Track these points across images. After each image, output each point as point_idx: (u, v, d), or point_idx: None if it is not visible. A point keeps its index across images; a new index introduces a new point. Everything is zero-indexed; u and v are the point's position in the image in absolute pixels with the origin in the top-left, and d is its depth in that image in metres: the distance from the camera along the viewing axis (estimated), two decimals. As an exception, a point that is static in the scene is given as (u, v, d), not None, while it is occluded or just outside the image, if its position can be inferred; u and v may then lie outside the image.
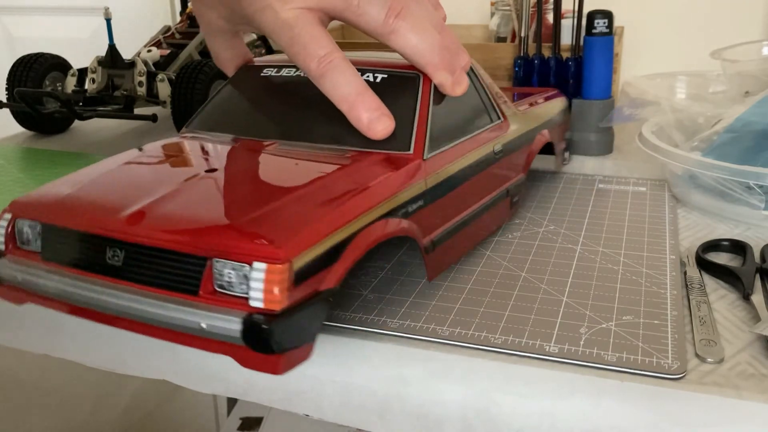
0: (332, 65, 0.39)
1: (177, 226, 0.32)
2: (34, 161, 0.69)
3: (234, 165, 0.39)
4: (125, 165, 0.40)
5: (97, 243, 0.33)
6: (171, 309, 0.31)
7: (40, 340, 0.44)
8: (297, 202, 0.33)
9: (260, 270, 0.29)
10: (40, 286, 0.35)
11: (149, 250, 0.32)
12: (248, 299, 0.30)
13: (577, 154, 0.67)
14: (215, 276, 0.30)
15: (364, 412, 0.36)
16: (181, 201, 0.34)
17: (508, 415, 0.33)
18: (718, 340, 0.35)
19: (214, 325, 0.30)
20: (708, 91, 0.68)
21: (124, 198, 0.35)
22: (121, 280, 0.32)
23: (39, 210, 0.35)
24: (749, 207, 0.50)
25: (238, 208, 0.33)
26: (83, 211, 0.34)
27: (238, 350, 0.30)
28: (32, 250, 0.36)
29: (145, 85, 0.75)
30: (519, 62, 0.68)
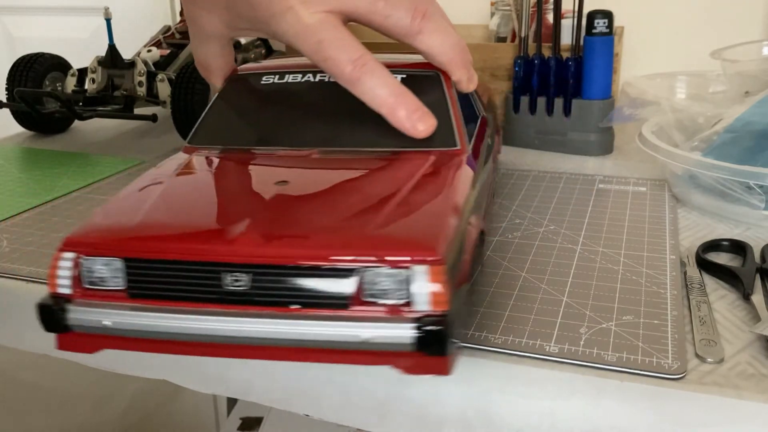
0: (366, 69, 0.39)
1: (315, 242, 0.30)
2: (34, 161, 0.69)
3: (301, 176, 0.37)
4: (174, 185, 0.37)
5: (211, 270, 0.30)
6: (324, 327, 0.29)
7: (40, 340, 0.44)
8: (406, 205, 0.33)
9: (422, 273, 0.28)
10: (134, 328, 0.31)
11: (284, 270, 0.29)
12: (411, 304, 0.29)
13: (577, 154, 0.67)
14: (365, 286, 0.29)
15: (364, 412, 0.36)
16: (288, 215, 0.32)
17: (508, 415, 0.33)
18: (718, 340, 0.35)
19: (378, 336, 0.29)
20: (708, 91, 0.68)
21: (217, 219, 0.32)
22: (247, 306, 0.30)
23: (116, 244, 0.31)
24: (749, 207, 0.50)
25: (355, 216, 0.32)
26: (180, 239, 0.31)
27: (403, 358, 0.29)
28: (111, 288, 0.31)
29: (145, 85, 0.75)
30: (519, 62, 0.68)
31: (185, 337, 0.30)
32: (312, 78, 0.44)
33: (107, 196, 0.59)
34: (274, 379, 0.38)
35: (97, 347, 0.32)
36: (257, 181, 0.37)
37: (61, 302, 0.31)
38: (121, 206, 0.34)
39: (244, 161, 0.40)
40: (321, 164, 0.39)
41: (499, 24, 0.85)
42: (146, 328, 0.31)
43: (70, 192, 0.60)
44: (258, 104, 0.44)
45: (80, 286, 0.31)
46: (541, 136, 0.68)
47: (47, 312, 0.31)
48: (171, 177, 0.38)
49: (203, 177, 0.38)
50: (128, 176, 0.64)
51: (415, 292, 0.28)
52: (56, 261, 0.31)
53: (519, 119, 0.69)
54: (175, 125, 0.71)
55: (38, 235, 0.51)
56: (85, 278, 0.31)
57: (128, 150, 0.73)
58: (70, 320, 0.31)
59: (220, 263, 0.30)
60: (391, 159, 0.39)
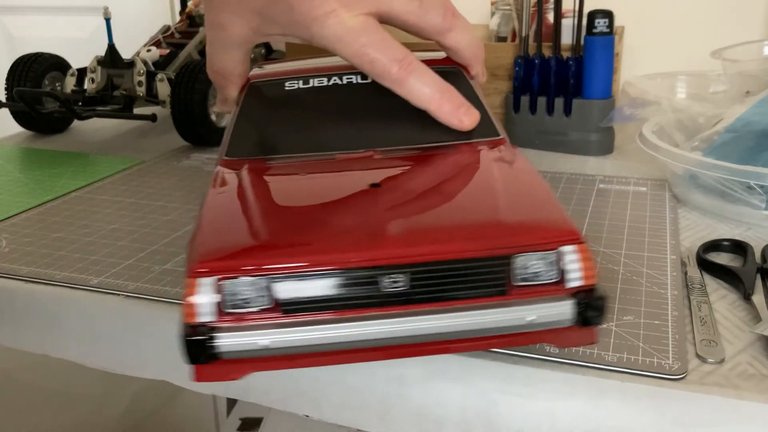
0: (412, 68, 0.40)
1: (467, 235, 0.30)
2: (33, 161, 0.69)
3: (387, 176, 0.37)
4: (264, 197, 0.36)
5: (369, 275, 0.30)
6: (488, 314, 0.30)
7: (40, 340, 0.44)
8: (513, 193, 0.34)
9: (571, 252, 0.30)
10: (292, 344, 0.30)
11: (441, 265, 0.30)
12: (563, 282, 0.31)
13: (578, 154, 0.67)
14: (517, 271, 0.31)
15: (364, 412, 0.36)
16: (416, 214, 0.32)
17: (508, 415, 0.33)
18: (719, 340, 0.35)
19: (542, 316, 0.30)
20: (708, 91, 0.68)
21: (349, 225, 0.32)
22: (406, 305, 0.30)
23: (260, 263, 0.30)
24: (750, 207, 0.50)
25: (478, 207, 0.33)
26: (331, 249, 0.30)
27: (558, 333, 0.31)
28: (257, 309, 0.30)
29: (145, 84, 0.75)
30: (519, 62, 0.68)
31: (345, 345, 0.30)
32: (339, 81, 0.44)
33: (107, 196, 0.59)
34: (274, 379, 0.38)
35: (246, 371, 0.31)
36: (350, 185, 0.36)
37: (207, 331, 0.29)
38: (226, 225, 0.33)
39: (313, 168, 0.39)
40: (392, 163, 0.39)
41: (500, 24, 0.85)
42: (306, 343, 0.30)
43: (69, 192, 0.60)
44: (294, 111, 0.44)
45: (223, 311, 0.30)
46: (541, 136, 0.68)
47: (197, 344, 0.29)
48: (251, 190, 0.36)
49: (289, 186, 0.37)
50: (128, 176, 0.64)
51: (568, 270, 0.30)
52: (193, 288, 0.29)
53: (519, 119, 0.69)
54: (175, 125, 0.71)
55: (38, 235, 0.50)
56: (228, 302, 0.30)
57: (128, 150, 0.73)
58: (220, 348, 0.29)
59: (377, 267, 0.30)
60: (449, 152, 0.40)
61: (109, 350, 0.42)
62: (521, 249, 0.30)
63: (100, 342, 0.42)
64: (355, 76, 0.44)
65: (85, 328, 0.42)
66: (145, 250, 0.47)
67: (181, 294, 0.38)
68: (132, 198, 0.58)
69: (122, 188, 0.61)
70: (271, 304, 0.30)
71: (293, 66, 0.47)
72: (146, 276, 0.44)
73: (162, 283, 0.43)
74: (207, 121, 0.70)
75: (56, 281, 0.43)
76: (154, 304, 0.41)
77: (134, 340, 0.41)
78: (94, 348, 0.42)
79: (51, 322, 0.43)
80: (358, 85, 0.44)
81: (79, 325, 0.42)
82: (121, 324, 0.41)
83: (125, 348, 0.41)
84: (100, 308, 0.41)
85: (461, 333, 0.30)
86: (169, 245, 0.48)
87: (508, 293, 0.31)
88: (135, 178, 0.63)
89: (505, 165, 0.38)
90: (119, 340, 0.41)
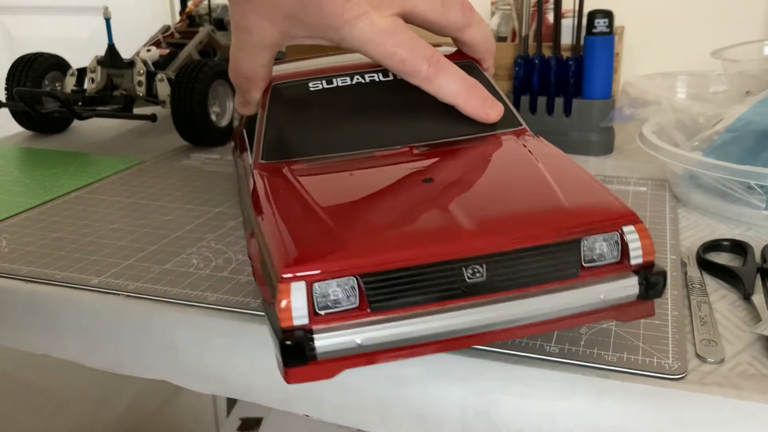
0: (440, 65, 0.42)
1: (537, 223, 0.32)
2: (33, 161, 0.69)
3: (436, 169, 0.38)
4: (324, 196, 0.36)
5: (453, 268, 0.31)
6: (566, 296, 0.32)
7: (40, 340, 0.44)
8: (562, 179, 0.36)
9: (632, 232, 0.32)
10: (384, 340, 0.31)
11: (517, 254, 0.31)
12: (627, 260, 0.32)
13: (578, 154, 0.67)
14: (585, 253, 0.32)
15: (364, 412, 0.36)
16: (480, 205, 0.33)
17: (508, 415, 0.33)
18: (719, 340, 0.35)
19: (611, 293, 0.32)
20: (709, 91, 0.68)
21: (422, 219, 0.33)
22: (487, 294, 0.31)
23: (349, 264, 0.30)
24: (750, 207, 0.50)
25: (537, 195, 0.34)
26: (417, 245, 0.31)
27: (621, 309, 0.33)
28: (347, 308, 0.31)
29: (145, 84, 0.75)
30: (519, 62, 0.68)
31: (432, 337, 0.31)
32: (362, 79, 0.45)
33: (107, 196, 0.59)
34: (274, 379, 0.38)
35: (339, 369, 0.31)
36: (403, 182, 0.37)
37: (304, 334, 0.30)
38: (301, 228, 0.33)
39: (358, 166, 0.40)
40: (433, 158, 0.40)
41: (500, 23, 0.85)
42: (396, 338, 0.31)
43: (69, 192, 0.60)
44: (323, 110, 0.44)
45: (315, 313, 0.30)
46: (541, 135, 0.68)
47: (295, 348, 0.30)
48: (310, 191, 0.36)
49: (344, 185, 0.38)
50: (128, 176, 0.64)
51: (631, 249, 0.32)
52: (287, 294, 0.30)
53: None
54: (175, 125, 0.71)
55: (38, 235, 0.50)
56: (320, 304, 0.30)
57: (128, 150, 0.73)
58: (317, 350, 0.30)
59: (460, 259, 0.31)
60: (482, 143, 0.42)
61: (109, 350, 0.42)
62: (589, 232, 0.32)
63: (100, 342, 0.42)
64: (377, 74, 0.45)
65: (85, 328, 0.42)
66: (145, 250, 0.47)
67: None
68: (132, 198, 0.58)
69: (122, 188, 0.61)
70: (359, 303, 0.31)
71: (311, 66, 0.47)
72: (146, 276, 0.44)
73: (162, 283, 0.43)
74: (207, 121, 0.70)
75: (56, 281, 0.43)
76: (154, 304, 0.41)
77: (134, 340, 0.41)
78: (94, 348, 0.42)
79: (51, 322, 0.43)
80: (381, 82, 0.45)
81: (79, 325, 0.42)
82: (121, 324, 0.41)
83: (125, 348, 0.41)
84: (100, 308, 0.41)
85: (539, 316, 0.32)
86: (169, 245, 0.48)
87: (579, 275, 0.32)
88: (135, 178, 0.63)
89: (540, 152, 0.39)
90: (119, 340, 0.41)
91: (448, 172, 0.38)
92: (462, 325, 0.31)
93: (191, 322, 0.39)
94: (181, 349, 0.40)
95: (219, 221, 0.52)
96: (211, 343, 0.39)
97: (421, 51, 0.41)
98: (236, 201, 0.56)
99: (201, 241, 0.49)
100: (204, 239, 0.49)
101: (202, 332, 0.39)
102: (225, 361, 0.39)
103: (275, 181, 0.39)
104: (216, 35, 0.87)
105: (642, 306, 0.33)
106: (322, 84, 0.45)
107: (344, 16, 0.39)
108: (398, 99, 0.44)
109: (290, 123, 0.43)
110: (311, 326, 0.30)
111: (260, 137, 0.42)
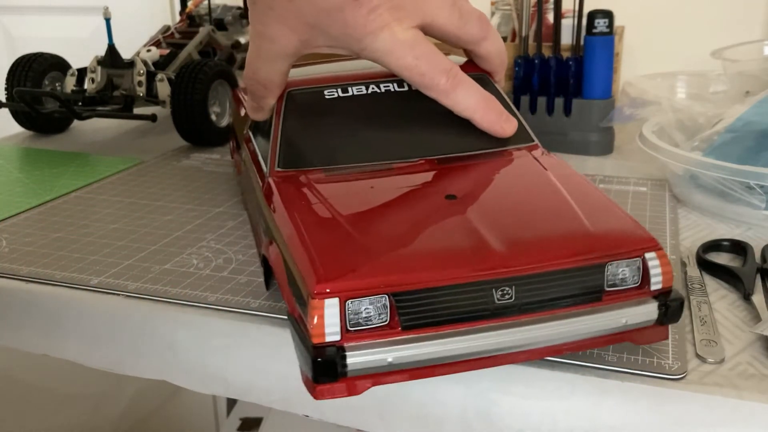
0: (458, 79, 0.41)
1: (564, 247, 0.32)
2: (33, 161, 0.69)
3: (458, 186, 0.38)
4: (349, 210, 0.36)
5: (483, 289, 0.31)
6: (591, 320, 0.32)
7: (40, 340, 0.44)
8: (585, 202, 0.36)
9: (653, 258, 0.33)
10: (415, 359, 0.31)
11: (545, 276, 0.32)
12: (647, 285, 0.33)
13: (578, 154, 0.67)
14: (609, 277, 0.33)
15: (364, 412, 0.36)
16: (506, 226, 0.33)
17: (508, 415, 0.33)
18: (719, 340, 0.35)
19: (633, 318, 0.33)
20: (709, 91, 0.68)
21: (451, 240, 0.33)
22: (515, 316, 0.31)
23: (381, 282, 0.30)
24: (750, 207, 0.50)
25: (561, 218, 0.35)
26: (448, 265, 0.31)
27: (638, 332, 0.33)
28: (378, 326, 0.31)
29: (145, 84, 0.75)
30: (519, 62, 0.68)
31: (461, 357, 0.31)
32: (377, 89, 0.44)
33: (107, 196, 0.59)
34: (274, 379, 0.38)
35: (367, 386, 0.31)
36: (426, 197, 0.37)
37: (336, 351, 0.30)
38: (330, 242, 0.33)
39: (377, 178, 0.40)
40: (453, 172, 0.40)
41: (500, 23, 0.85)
42: (426, 357, 0.31)
43: (69, 192, 0.60)
44: (339, 120, 0.43)
45: (347, 330, 0.30)
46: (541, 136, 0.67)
47: (329, 364, 0.30)
48: (333, 204, 0.36)
49: (368, 199, 0.37)
50: (128, 176, 0.64)
51: (652, 275, 0.33)
52: (320, 310, 0.30)
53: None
54: (175, 125, 0.71)
55: (38, 235, 0.50)
56: (351, 321, 0.30)
57: (128, 150, 0.73)
58: (350, 366, 0.30)
59: (491, 281, 0.31)
60: (498, 158, 0.42)
61: (109, 350, 0.42)
62: (614, 257, 0.33)
63: (100, 342, 0.42)
64: (392, 84, 0.45)
65: (85, 328, 0.42)
66: (145, 250, 0.47)
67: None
68: (132, 198, 0.58)
69: (122, 188, 0.61)
70: (390, 321, 0.31)
71: (325, 72, 0.46)
72: (146, 276, 0.44)
73: (162, 283, 0.43)
74: (207, 121, 0.70)
75: (56, 281, 0.43)
76: (154, 304, 0.41)
77: (134, 340, 0.41)
78: (94, 348, 0.42)
79: (51, 322, 0.43)
80: (396, 93, 0.44)
81: (79, 325, 0.42)
82: (121, 324, 0.41)
83: (125, 348, 0.41)
84: (100, 308, 0.41)
85: (564, 338, 0.32)
86: (169, 245, 0.48)
87: (603, 299, 0.33)
88: (135, 178, 0.63)
89: (556, 171, 0.40)
90: (119, 340, 0.41)
91: (469, 189, 0.38)
92: (490, 346, 0.31)
93: (191, 322, 0.39)
94: (181, 349, 0.40)
95: (219, 221, 0.52)
96: (211, 343, 0.39)
97: (440, 64, 0.41)
98: (236, 201, 0.56)
99: (201, 241, 0.49)
100: (204, 239, 0.49)
101: (202, 332, 0.39)
102: (225, 361, 0.39)
103: (294, 190, 0.38)
104: (216, 35, 0.87)
105: (658, 330, 0.34)
106: (338, 92, 0.44)
107: (367, 27, 0.39)
108: (413, 110, 0.44)
109: (306, 131, 0.43)
110: (343, 343, 0.30)
111: (276, 144, 0.42)
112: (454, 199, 0.36)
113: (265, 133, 0.45)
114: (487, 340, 0.31)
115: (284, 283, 0.34)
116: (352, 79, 0.45)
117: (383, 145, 0.42)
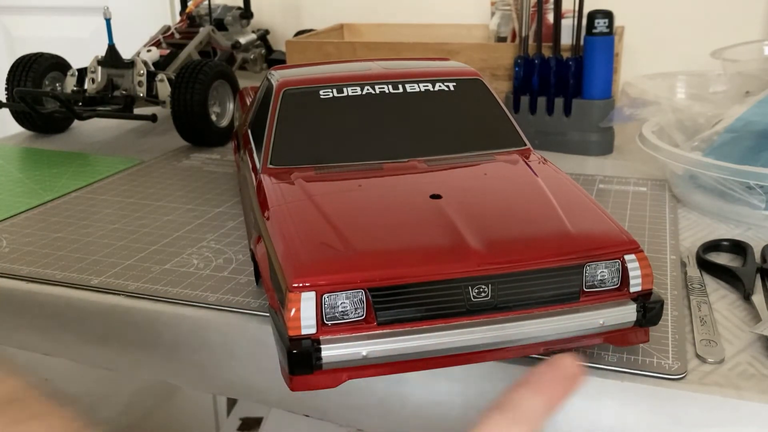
0: None
1: (543, 247, 0.32)
2: (33, 161, 0.69)
3: (444, 186, 0.38)
4: (334, 207, 0.36)
5: (459, 287, 0.31)
6: (566, 320, 0.32)
7: (40, 340, 0.44)
8: (568, 204, 0.36)
9: (633, 261, 0.33)
10: (389, 353, 0.31)
11: (522, 276, 0.32)
12: (626, 287, 0.33)
13: (578, 154, 0.67)
14: (587, 278, 0.33)
15: (364, 412, 0.36)
16: (487, 226, 0.34)
17: (509, 415, 0.33)
18: (719, 340, 0.35)
19: (610, 319, 0.32)
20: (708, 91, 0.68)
21: (430, 238, 0.33)
22: (491, 314, 0.31)
23: (358, 277, 0.31)
24: (750, 207, 0.50)
25: (543, 219, 0.35)
26: (425, 262, 0.31)
27: (621, 334, 0.33)
28: (354, 320, 0.31)
29: (145, 85, 0.75)
30: (519, 62, 0.68)
31: (436, 352, 0.31)
32: (371, 90, 0.45)
33: (107, 196, 0.59)
34: (274, 379, 0.38)
35: (343, 379, 0.31)
36: (412, 196, 0.37)
37: (311, 343, 0.30)
38: (311, 237, 0.33)
39: (366, 177, 0.40)
40: (440, 173, 0.40)
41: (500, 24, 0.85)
42: (401, 352, 0.31)
43: (69, 192, 0.60)
44: (334, 119, 0.44)
45: (323, 323, 0.31)
46: (541, 136, 0.68)
47: (304, 356, 0.30)
48: (318, 201, 0.37)
49: (353, 197, 0.38)
50: (128, 176, 0.64)
51: (632, 277, 0.33)
52: (297, 303, 0.30)
53: (519, 119, 0.69)
54: (175, 125, 0.71)
55: (38, 235, 0.50)
56: (328, 314, 0.31)
57: (128, 150, 0.73)
58: (324, 359, 0.30)
59: (468, 278, 0.31)
60: (488, 161, 0.42)
61: (109, 350, 0.42)
62: (593, 258, 0.33)
63: (100, 342, 0.42)
64: (386, 86, 0.45)
65: (85, 328, 0.42)
66: (146, 250, 0.47)
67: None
68: (132, 198, 0.58)
69: (122, 188, 0.61)
70: (366, 315, 0.31)
71: (321, 73, 0.47)
72: (146, 276, 0.44)
73: (162, 283, 0.43)
74: (207, 121, 0.70)
75: (56, 281, 0.43)
76: (154, 304, 0.41)
77: (134, 340, 0.41)
78: (94, 348, 0.42)
79: (51, 322, 0.43)
80: (391, 94, 0.45)
81: (79, 325, 0.42)
82: (122, 324, 0.41)
83: (125, 348, 0.41)
84: (100, 308, 0.41)
85: (540, 337, 0.32)
86: (169, 245, 0.48)
87: (580, 299, 0.33)
88: (135, 178, 0.63)
89: (545, 174, 0.40)
90: (119, 341, 0.41)
91: (455, 189, 0.38)
92: (465, 343, 0.31)
93: (191, 322, 0.39)
94: (180, 349, 0.40)
95: (219, 221, 0.52)
96: (211, 343, 0.39)
97: None
98: (236, 201, 0.56)
99: (201, 241, 0.49)
100: (204, 239, 0.49)
101: (202, 332, 0.39)
102: (225, 361, 0.39)
103: (284, 186, 0.39)
104: (216, 35, 0.87)
105: (638, 332, 0.34)
106: (333, 93, 0.45)
107: None
108: (407, 112, 0.44)
109: (300, 130, 0.43)
110: (319, 336, 0.30)
111: (269, 142, 0.42)
112: (439, 199, 0.36)
113: (261, 132, 0.45)
114: (462, 337, 0.31)
115: (267, 277, 0.34)
116: (348, 80, 0.45)
117: (375, 145, 0.43)
